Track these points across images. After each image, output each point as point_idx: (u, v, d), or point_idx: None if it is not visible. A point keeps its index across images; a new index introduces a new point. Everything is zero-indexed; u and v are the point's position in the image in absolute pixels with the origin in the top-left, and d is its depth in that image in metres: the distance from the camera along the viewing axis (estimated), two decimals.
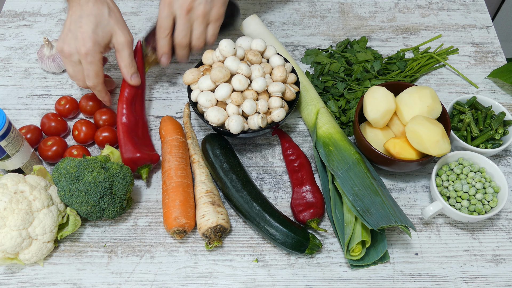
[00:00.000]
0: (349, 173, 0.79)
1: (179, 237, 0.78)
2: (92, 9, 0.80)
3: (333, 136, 0.83)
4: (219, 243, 0.77)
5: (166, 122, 0.90)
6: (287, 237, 0.76)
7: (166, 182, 0.82)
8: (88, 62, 0.81)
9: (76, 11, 0.81)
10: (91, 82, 0.83)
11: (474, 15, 1.11)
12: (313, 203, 0.80)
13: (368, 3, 1.13)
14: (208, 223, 0.76)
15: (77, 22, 0.80)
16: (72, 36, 0.80)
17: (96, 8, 0.81)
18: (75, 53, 0.80)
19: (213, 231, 0.76)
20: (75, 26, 0.80)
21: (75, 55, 0.81)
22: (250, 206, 0.78)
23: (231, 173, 0.82)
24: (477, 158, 0.82)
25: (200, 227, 0.77)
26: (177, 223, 0.77)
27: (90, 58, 0.80)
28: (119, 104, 0.87)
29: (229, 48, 0.83)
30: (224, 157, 0.84)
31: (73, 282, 0.76)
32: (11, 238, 0.71)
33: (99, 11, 0.81)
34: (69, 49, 0.80)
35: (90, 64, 0.81)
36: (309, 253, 0.77)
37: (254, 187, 0.81)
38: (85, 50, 0.80)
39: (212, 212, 0.77)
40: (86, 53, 0.80)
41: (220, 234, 0.77)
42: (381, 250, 0.77)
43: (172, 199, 0.79)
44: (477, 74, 1.01)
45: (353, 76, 0.97)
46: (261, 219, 0.77)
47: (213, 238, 0.77)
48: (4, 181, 0.74)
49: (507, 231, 0.82)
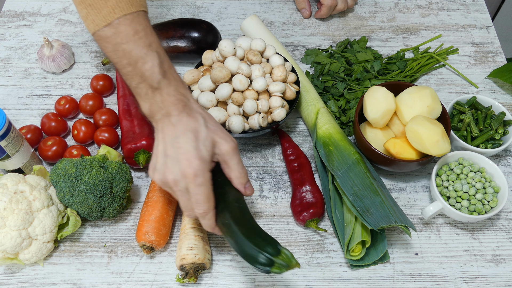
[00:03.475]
0: (349, 173, 0.79)
1: (146, 253, 0.76)
2: (187, 125, 0.68)
3: (333, 136, 0.83)
4: (194, 280, 0.73)
5: None
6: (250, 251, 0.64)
7: (149, 193, 0.81)
8: (197, 185, 0.67)
9: (168, 132, 0.68)
10: (201, 209, 0.68)
11: (474, 15, 1.11)
12: (313, 203, 0.80)
13: (368, 3, 1.13)
14: (195, 258, 0.73)
15: (174, 144, 0.68)
16: (172, 161, 0.68)
17: (191, 122, 0.68)
18: (181, 179, 0.67)
19: (194, 267, 0.73)
20: (172, 149, 0.68)
21: (182, 181, 0.67)
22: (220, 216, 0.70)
23: None
24: (477, 158, 0.82)
25: (184, 258, 0.73)
26: (146, 239, 0.75)
27: (200, 179, 0.67)
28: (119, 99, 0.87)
29: (229, 48, 0.83)
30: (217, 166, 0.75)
31: (73, 282, 0.76)
32: (11, 238, 0.71)
33: (195, 123, 0.68)
34: (174, 177, 0.67)
35: (199, 187, 0.67)
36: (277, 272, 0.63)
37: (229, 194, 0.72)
38: (192, 172, 0.66)
39: (202, 248, 0.74)
40: (195, 174, 0.67)
41: (199, 273, 0.74)
42: (381, 250, 0.77)
43: (149, 213, 0.78)
44: (477, 74, 1.01)
45: (353, 76, 0.97)
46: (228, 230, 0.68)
47: (191, 274, 0.73)
48: (4, 181, 0.74)
49: (507, 231, 0.82)
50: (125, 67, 0.68)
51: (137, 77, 0.68)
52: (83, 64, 1.02)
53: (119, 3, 0.66)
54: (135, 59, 0.67)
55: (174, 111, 0.68)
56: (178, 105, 0.69)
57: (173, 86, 0.69)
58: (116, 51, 0.67)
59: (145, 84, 0.68)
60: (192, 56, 0.98)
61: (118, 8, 0.66)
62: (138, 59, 0.67)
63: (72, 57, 1.01)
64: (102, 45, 0.68)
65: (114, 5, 0.66)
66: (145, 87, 0.68)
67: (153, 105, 0.69)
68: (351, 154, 0.81)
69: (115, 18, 0.66)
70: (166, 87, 0.69)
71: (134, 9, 0.67)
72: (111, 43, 0.67)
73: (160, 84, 0.68)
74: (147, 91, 0.68)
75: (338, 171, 0.80)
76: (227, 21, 1.09)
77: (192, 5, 1.12)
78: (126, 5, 0.67)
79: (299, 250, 0.80)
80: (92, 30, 0.67)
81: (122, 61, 0.68)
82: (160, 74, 0.68)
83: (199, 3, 1.13)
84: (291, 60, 0.95)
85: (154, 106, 0.69)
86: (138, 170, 0.88)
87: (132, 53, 0.67)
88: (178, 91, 0.70)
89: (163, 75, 0.69)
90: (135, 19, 0.67)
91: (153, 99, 0.69)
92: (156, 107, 0.69)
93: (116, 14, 0.66)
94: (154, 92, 0.68)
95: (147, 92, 0.68)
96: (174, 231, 0.81)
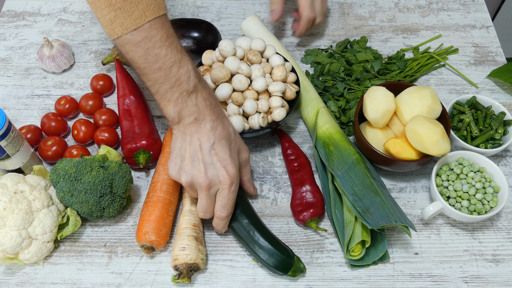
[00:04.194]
0: (349, 173, 0.79)
1: (146, 252, 0.76)
2: (222, 132, 0.70)
3: (333, 136, 0.83)
4: (188, 281, 0.73)
5: (171, 132, 0.88)
6: (271, 256, 0.73)
7: (149, 193, 0.80)
8: (232, 191, 0.71)
9: (202, 137, 0.70)
10: (226, 212, 0.73)
11: (474, 15, 1.11)
12: (313, 203, 0.80)
13: (368, 3, 1.13)
14: (187, 259, 0.73)
15: (210, 150, 0.70)
16: (208, 167, 0.70)
17: (225, 130, 0.71)
18: (216, 184, 0.71)
19: (187, 268, 0.73)
20: (207, 155, 0.70)
21: (216, 186, 0.71)
22: (239, 219, 0.76)
23: None
24: (477, 158, 0.82)
25: (176, 259, 0.74)
26: (146, 239, 0.75)
27: (235, 186, 0.71)
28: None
29: (229, 48, 0.83)
30: None
31: (73, 282, 0.76)
32: (11, 238, 0.71)
33: (228, 132, 0.72)
34: (209, 182, 0.70)
35: (233, 193, 0.72)
36: (291, 275, 0.74)
37: (245, 200, 0.79)
38: (230, 179, 0.70)
39: (194, 249, 0.74)
40: (232, 181, 0.70)
41: (192, 273, 0.73)
42: (381, 250, 0.77)
43: (149, 212, 0.78)
44: (477, 74, 1.01)
45: (353, 76, 0.97)
46: (248, 234, 0.75)
47: (184, 274, 0.73)
48: (4, 181, 0.74)
49: (507, 231, 0.82)
50: (155, 72, 0.66)
51: (170, 81, 0.66)
52: (83, 64, 1.02)
53: (149, 6, 0.64)
54: (170, 63, 0.65)
55: (211, 116, 0.69)
56: (214, 111, 0.69)
57: (207, 91, 0.70)
58: (147, 55, 0.65)
59: (179, 88, 0.67)
60: (192, 56, 0.98)
61: (149, 11, 0.64)
62: (174, 64, 0.66)
63: (72, 57, 1.01)
64: (129, 49, 0.65)
65: (145, 8, 0.63)
66: (178, 91, 0.67)
67: (185, 109, 0.68)
68: (351, 154, 0.81)
69: (146, 21, 0.63)
70: (201, 91, 0.69)
71: (162, 12, 0.65)
72: (142, 47, 0.64)
73: (196, 88, 0.68)
74: (181, 95, 0.67)
75: (338, 171, 0.80)
76: (227, 21, 1.09)
77: (192, 5, 1.12)
78: (155, 8, 0.65)
79: (299, 250, 0.80)
80: (118, 33, 0.64)
81: (153, 66, 0.65)
82: (196, 78, 0.68)
83: (199, 3, 1.13)
84: (291, 60, 0.95)
85: (186, 110, 0.68)
86: (138, 170, 0.88)
87: (166, 58, 0.65)
88: (212, 96, 0.70)
89: (199, 79, 0.69)
90: (165, 23, 0.66)
91: (186, 103, 0.68)
92: (188, 111, 0.68)
93: (147, 17, 0.63)
94: (189, 96, 0.68)
95: (180, 96, 0.67)
96: (174, 231, 0.81)
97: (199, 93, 0.69)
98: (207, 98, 0.69)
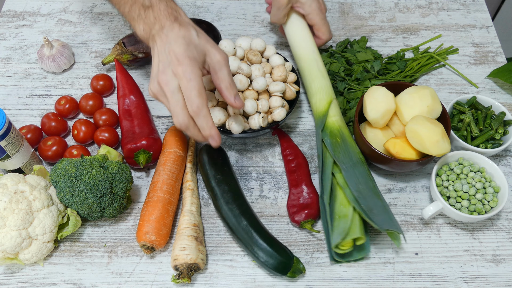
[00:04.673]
0: (354, 170, 0.79)
1: (146, 252, 0.76)
2: (178, 33, 0.71)
3: (342, 130, 0.83)
4: (188, 281, 0.73)
5: (171, 132, 0.88)
6: (270, 257, 0.74)
7: (150, 193, 0.80)
8: (187, 79, 0.69)
9: (161, 43, 0.71)
10: (194, 105, 0.69)
11: (474, 15, 1.11)
12: (308, 204, 0.80)
13: (368, 3, 1.13)
14: (187, 259, 0.73)
15: (166, 50, 0.70)
16: (164, 65, 0.70)
17: (183, 30, 0.71)
18: (171, 78, 0.70)
19: (187, 268, 0.73)
20: (164, 55, 0.71)
21: (172, 80, 0.70)
22: (238, 220, 0.77)
23: (224, 185, 0.80)
24: (477, 158, 0.82)
25: (176, 259, 0.73)
26: (146, 239, 0.75)
27: (189, 74, 0.69)
28: None
29: (229, 48, 0.83)
30: (219, 167, 0.82)
31: (73, 282, 0.76)
32: (11, 238, 0.71)
33: (187, 32, 0.71)
34: (165, 77, 0.70)
35: (190, 82, 0.69)
36: (291, 276, 0.74)
37: (245, 201, 0.79)
38: (182, 69, 0.69)
39: (194, 249, 0.74)
40: (184, 70, 0.69)
41: (192, 273, 0.73)
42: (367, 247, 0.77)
43: (149, 212, 0.77)
44: (477, 74, 1.01)
45: (353, 76, 0.97)
46: (247, 235, 0.75)
47: (184, 274, 0.73)
48: (4, 181, 0.74)
49: (507, 231, 0.82)
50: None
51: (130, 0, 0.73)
52: (83, 64, 1.02)
53: None
54: None
55: (167, 22, 0.72)
56: (170, 17, 0.72)
57: (164, 2, 0.74)
58: None
59: (137, 5, 0.73)
60: None
61: None
62: None
63: (72, 57, 1.01)
64: None
65: None
66: (137, 7, 0.73)
67: (147, 24, 0.73)
68: (356, 153, 0.81)
69: None
70: (158, 4, 0.73)
71: None
72: None
73: (151, 1, 0.73)
74: (140, 11, 0.73)
75: (343, 164, 0.79)
76: (227, 21, 1.09)
77: (192, 5, 1.12)
78: None
79: (299, 250, 0.80)
80: None
81: None
82: None
83: (199, 3, 1.13)
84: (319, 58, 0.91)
85: (148, 24, 0.73)
86: (138, 170, 0.88)
87: None
88: (169, 6, 0.74)
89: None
90: None
91: (146, 18, 0.73)
92: (150, 24, 0.73)
93: None
94: (146, 11, 0.73)
95: (140, 12, 0.73)
96: (174, 231, 0.81)
97: (155, 6, 0.73)
98: (163, 8, 0.73)
